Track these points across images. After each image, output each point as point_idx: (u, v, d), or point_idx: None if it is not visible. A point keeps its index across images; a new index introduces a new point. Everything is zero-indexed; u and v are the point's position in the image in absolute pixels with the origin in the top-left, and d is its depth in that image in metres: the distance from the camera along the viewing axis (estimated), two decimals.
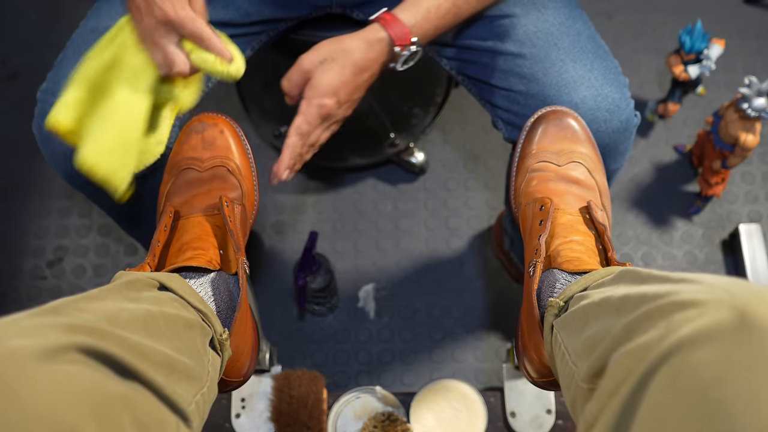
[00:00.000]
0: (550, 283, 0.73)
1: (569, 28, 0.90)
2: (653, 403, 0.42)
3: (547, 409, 1.14)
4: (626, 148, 0.93)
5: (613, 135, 0.88)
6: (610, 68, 0.90)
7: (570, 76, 0.88)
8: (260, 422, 1.15)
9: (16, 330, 0.44)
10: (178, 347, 0.58)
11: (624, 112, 0.89)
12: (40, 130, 0.89)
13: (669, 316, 0.44)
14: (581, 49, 0.89)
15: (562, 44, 0.89)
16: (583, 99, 0.87)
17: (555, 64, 0.88)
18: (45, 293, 1.51)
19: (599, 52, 0.90)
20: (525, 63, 0.89)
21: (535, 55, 0.89)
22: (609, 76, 0.89)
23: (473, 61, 0.94)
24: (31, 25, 1.80)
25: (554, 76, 0.88)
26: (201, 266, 0.74)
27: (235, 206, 0.80)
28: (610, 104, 0.88)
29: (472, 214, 1.55)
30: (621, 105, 0.89)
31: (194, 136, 0.83)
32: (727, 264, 1.50)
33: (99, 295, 0.57)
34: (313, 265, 1.32)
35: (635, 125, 0.92)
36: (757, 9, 1.74)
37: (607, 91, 0.88)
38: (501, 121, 0.95)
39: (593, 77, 0.88)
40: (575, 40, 0.89)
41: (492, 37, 0.91)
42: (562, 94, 0.87)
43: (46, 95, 0.89)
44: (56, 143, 0.89)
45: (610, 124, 0.88)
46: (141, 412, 0.48)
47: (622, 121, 0.89)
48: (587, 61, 0.89)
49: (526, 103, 0.90)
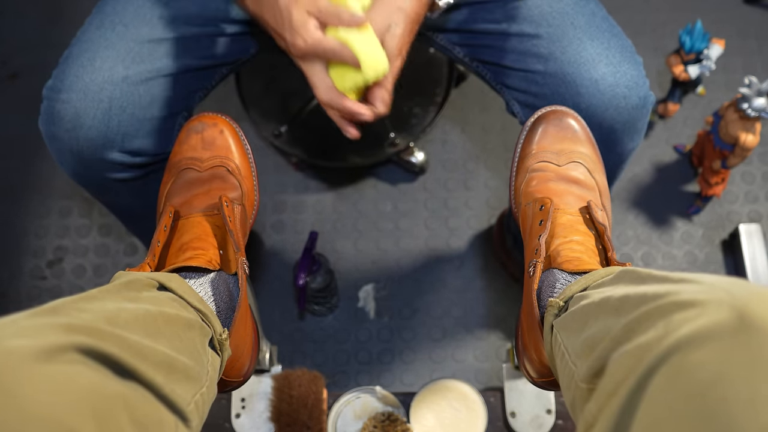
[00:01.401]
0: (550, 283, 0.73)
1: (583, 8, 0.90)
2: (652, 403, 0.42)
3: (547, 409, 1.14)
4: (643, 126, 0.93)
5: (632, 111, 0.89)
6: (626, 46, 0.90)
7: (588, 53, 0.87)
8: (260, 422, 1.15)
9: (14, 330, 0.44)
10: (178, 347, 0.58)
11: (642, 89, 0.89)
12: (46, 127, 0.89)
13: (668, 316, 0.44)
14: (597, 28, 0.89)
15: (578, 23, 0.89)
16: (602, 75, 0.87)
17: (573, 42, 0.88)
18: (45, 293, 1.51)
19: (614, 31, 0.91)
20: (542, 43, 0.89)
21: (552, 34, 0.89)
22: (626, 54, 0.89)
23: (487, 45, 0.94)
24: (31, 25, 1.79)
25: (573, 53, 0.88)
26: (201, 266, 0.74)
27: (235, 206, 0.80)
28: (629, 81, 0.88)
29: (472, 214, 1.55)
30: (639, 82, 0.89)
31: (194, 136, 0.83)
32: (727, 264, 1.50)
33: (98, 296, 0.57)
34: (313, 265, 1.32)
35: (652, 102, 0.92)
36: (757, 9, 1.74)
37: (626, 68, 0.88)
38: (517, 104, 0.95)
39: (611, 54, 0.88)
40: (590, 20, 0.90)
41: (506, 19, 0.91)
42: (581, 71, 0.87)
43: (52, 92, 0.89)
44: (62, 141, 0.89)
45: (629, 100, 0.88)
46: (140, 412, 0.48)
47: (641, 97, 0.89)
48: (604, 39, 0.89)
49: (545, 82, 0.89)
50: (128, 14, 0.89)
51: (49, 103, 0.89)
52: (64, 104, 0.87)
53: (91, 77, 0.87)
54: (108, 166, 0.90)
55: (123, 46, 0.88)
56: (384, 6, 0.81)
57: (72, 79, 0.88)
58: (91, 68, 0.87)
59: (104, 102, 0.87)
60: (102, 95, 0.87)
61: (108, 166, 0.90)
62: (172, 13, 0.90)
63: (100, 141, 0.88)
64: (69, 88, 0.87)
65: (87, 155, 0.89)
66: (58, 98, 0.88)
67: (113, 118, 0.87)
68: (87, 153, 0.89)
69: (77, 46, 0.90)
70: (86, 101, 0.87)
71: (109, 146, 0.88)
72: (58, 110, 0.87)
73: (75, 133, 0.87)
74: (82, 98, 0.87)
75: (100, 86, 0.87)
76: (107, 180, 0.93)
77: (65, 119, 0.87)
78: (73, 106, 0.87)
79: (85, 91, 0.87)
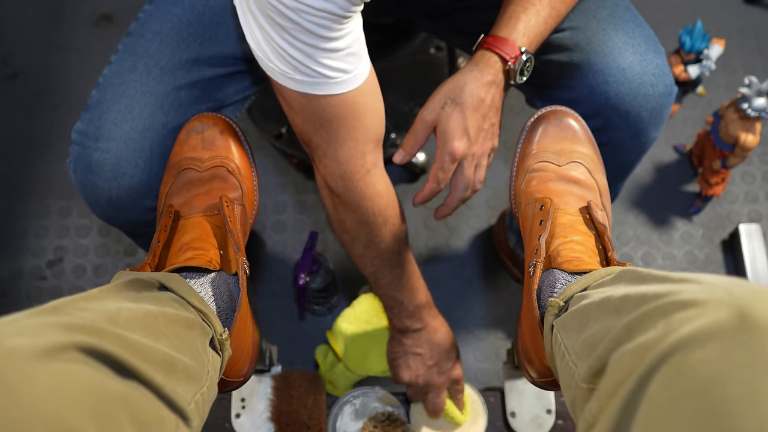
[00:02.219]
0: (550, 283, 0.73)
1: (605, 1, 0.90)
2: (653, 402, 0.42)
3: (547, 409, 1.14)
4: (666, 115, 0.93)
5: (659, 99, 0.89)
6: (650, 36, 0.90)
7: (614, 42, 0.88)
8: (260, 422, 1.15)
9: (15, 329, 0.44)
10: (178, 347, 0.58)
11: (668, 77, 0.90)
12: (82, 175, 0.87)
13: (669, 315, 0.44)
14: (621, 19, 0.89)
15: (601, 15, 0.89)
16: (630, 64, 0.87)
17: (597, 33, 0.88)
18: (45, 293, 1.51)
19: (637, 21, 0.91)
20: (565, 35, 0.89)
21: (575, 27, 0.89)
22: (651, 43, 0.89)
23: None
24: (31, 25, 1.79)
25: (598, 43, 0.88)
26: (201, 266, 0.74)
27: (235, 206, 0.80)
28: (655, 69, 0.88)
29: (472, 214, 1.55)
30: (665, 70, 0.89)
31: (194, 137, 0.83)
32: (727, 264, 1.50)
33: (99, 295, 0.57)
34: (313, 265, 1.32)
35: (676, 91, 0.92)
36: (757, 9, 1.74)
37: (652, 56, 0.88)
38: (538, 99, 0.95)
39: (636, 43, 0.88)
40: (613, 12, 0.90)
41: None
42: (608, 60, 0.87)
43: (87, 139, 0.86)
44: (101, 190, 0.86)
45: (656, 88, 0.88)
46: (140, 412, 0.48)
47: (667, 85, 0.90)
48: (628, 29, 0.89)
49: (571, 74, 0.89)
50: (164, 57, 0.87)
51: (85, 151, 0.86)
52: (104, 153, 0.85)
53: (132, 125, 0.85)
54: (145, 211, 0.89)
55: (161, 91, 0.86)
56: (440, 87, 0.85)
57: (110, 126, 0.85)
58: (131, 116, 0.85)
59: (146, 151, 0.85)
60: (144, 144, 0.85)
61: (145, 210, 0.89)
62: (207, 53, 0.88)
63: (141, 189, 0.86)
64: (108, 136, 0.85)
65: (126, 203, 0.87)
66: (96, 147, 0.85)
67: (154, 166, 0.86)
68: (126, 201, 0.87)
69: (111, 90, 0.87)
70: (127, 150, 0.84)
71: (149, 193, 0.87)
72: (97, 159, 0.85)
73: (116, 183, 0.85)
74: (123, 147, 0.84)
75: (141, 134, 0.85)
76: (141, 223, 0.91)
77: (105, 168, 0.85)
78: (114, 156, 0.84)
79: (126, 140, 0.85)
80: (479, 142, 0.86)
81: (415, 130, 0.88)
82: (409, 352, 1.07)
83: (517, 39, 0.83)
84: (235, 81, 0.92)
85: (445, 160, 0.85)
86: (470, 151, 0.85)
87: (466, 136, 0.84)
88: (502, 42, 0.82)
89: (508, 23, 0.83)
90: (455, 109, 0.83)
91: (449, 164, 0.85)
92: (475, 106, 0.83)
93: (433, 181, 0.88)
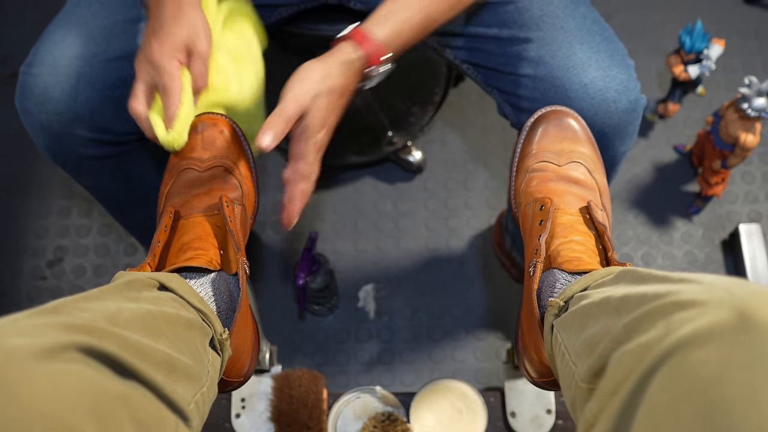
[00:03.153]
0: (550, 283, 0.73)
1: (574, 11, 0.90)
2: (653, 402, 0.42)
3: (547, 409, 1.14)
4: (634, 130, 0.93)
5: (622, 115, 0.89)
6: (616, 50, 0.90)
7: (578, 57, 0.88)
8: (260, 422, 1.15)
9: (15, 329, 0.44)
10: (178, 347, 0.58)
11: (632, 93, 0.90)
12: (18, 101, 0.90)
13: (669, 315, 0.44)
14: (587, 32, 0.89)
15: (568, 27, 0.89)
16: (592, 80, 0.87)
17: (562, 46, 0.88)
18: (45, 293, 1.51)
19: (605, 35, 0.91)
20: (532, 47, 0.89)
21: (542, 38, 0.89)
22: (616, 58, 0.89)
23: (479, 48, 0.94)
24: (31, 24, 1.79)
25: (562, 58, 0.88)
26: (201, 266, 0.74)
27: (235, 206, 0.80)
28: (618, 84, 0.88)
29: (472, 214, 1.55)
30: (629, 85, 0.89)
31: (194, 136, 0.83)
32: (727, 264, 1.50)
33: (98, 295, 0.57)
34: (313, 265, 1.32)
35: (643, 106, 0.92)
36: (757, 9, 1.74)
37: (615, 72, 0.88)
38: (509, 107, 0.95)
39: (600, 59, 0.88)
40: (581, 23, 0.90)
41: (497, 23, 0.91)
42: (570, 75, 0.87)
43: (25, 67, 0.90)
44: (32, 115, 0.90)
45: (619, 104, 0.88)
46: (140, 412, 0.48)
47: (631, 101, 0.89)
48: (594, 43, 0.89)
49: (535, 86, 0.90)
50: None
51: (22, 78, 0.90)
52: (34, 78, 0.88)
53: (62, 52, 0.88)
54: (78, 142, 0.91)
55: (97, 24, 0.89)
56: (307, 75, 0.77)
57: (43, 53, 0.89)
58: (63, 44, 0.88)
59: (72, 77, 0.87)
60: (70, 70, 0.87)
61: (78, 141, 0.91)
62: None
63: (68, 115, 0.89)
64: (40, 62, 0.88)
65: (56, 129, 0.90)
66: (28, 72, 0.89)
67: (81, 94, 0.88)
68: (56, 127, 0.90)
69: (54, 23, 0.91)
70: (54, 75, 0.87)
71: (78, 121, 0.89)
72: (29, 84, 0.89)
73: (44, 107, 0.88)
74: (51, 72, 0.88)
75: (69, 61, 0.87)
76: (79, 157, 0.94)
77: (34, 93, 0.88)
78: (42, 80, 0.88)
79: (54, 65, 0.88)
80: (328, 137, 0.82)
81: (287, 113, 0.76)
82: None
83: (388, 44, 0.80)
84: None
85: (311, 152, 0.79)
86: (324, 143, 0.82)
87: (326, 128, 0.80)
88: (373, 44, 0.80)
89: (383, 22, 0.80)
90: (323, 100, 0.78)
91: (315, 156, 0.80)
92: (339, 100, 0.80)
93: (303, 181, 0.79)
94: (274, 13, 0.99)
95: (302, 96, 0.76)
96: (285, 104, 0.76)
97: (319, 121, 0.78)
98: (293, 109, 0.76)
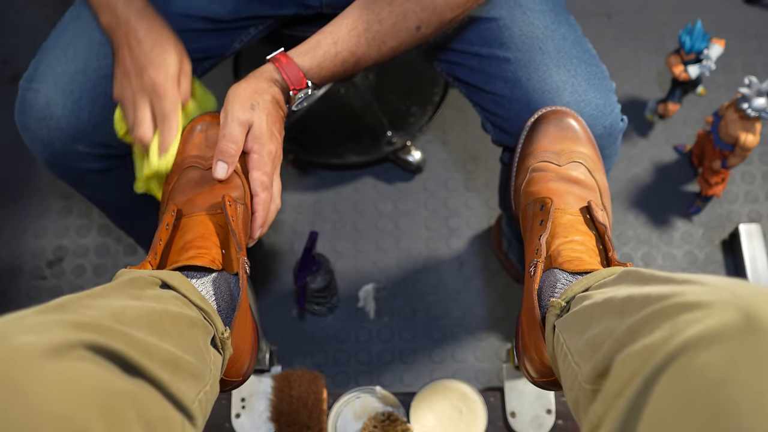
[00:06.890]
0: (551, 283, 0.73)
1: (554, 32, 0.90)
2: (659, 404, 0.42)
3: (547, 409, 1.14)
4: (612, 153, 0.93)
5: (598, 140, 0.88)
6: (595, 73, 0.90)
7: (553, 81, 0.88)
8: (260, 422, 1.15)
9: (22, 327, 0.44)
10: (182, 345, 0.58)
11: (608, 118, 0.89)
12: (18, 117, 0.90)
13: (674, 317, 0.44)
14: (566, 54, 0.89)
15: (547, 48, 0.89)
16: (566, 105, 0.87)
17: (539, 68, 0.88)
18: (45, 293, 1.51)
19: (584, 57, 0.90)
20: (510, 67, 0.89)
21: (520, 59, 0.89)
22: (593, 82, 0.89)
23: (462, 64, 0.94)
24: (32, 25, 1.79)
25: (537, 81, 0.88)
26: (203, 265, 0.74)
27: (238, 206, 0.80)
28: (593, 110, 0.88)
29: (472, 214, 1.55)
30: (605, 110, 0.89)
31: (198, 135, 0.83)
32: (727, 264, 1.50)
33: (102, 293, 0.57)
34: (313, 265, 1.32)
35: (620, 130, 0.92)
36: (757, 9, 1.74)
37: (591, 97, 0.88)
38: (489, 124, 0.95)
39: (576, 83, 0.88)
40: (560, 45, 0.89)
41: (479, 40, 0.91)
42: (545, 99, 0.87)
43: (26, 82, 0.89)
44: (33, 131, 0.89)
45: (593, 129, 0.88)
46: (147, 410, 0.48)
47: (606, 126, 0.89)
48: (571, 66, 0.89)
49: (511, 107, 0.90)
50: None
51: (22, 93, 0.89)
52: (36, 93, 0.87)
53: (64, 68, 0.87)
54: (79, 157, 0.91)
55: (98, 38, 0.88)
56: (242, 91, 0.78)
57: (44, 69, 0.88)
58: (65, 59, 0.87)
59: (75, 93, 0.87)
60: (73, 86, 0.87)
61: (79, 156, 0.91)
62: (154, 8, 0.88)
63: (70, 131, 0.88)
64: (41, 78, 0.88)
65: (58, 146, 0.89)
66: (29, 87, 0.88)
67: (83, 109, 0.87)
68: (58, 143, 0.89)
69: (54, 37, 0.90)
70: (56, 91, 0.87)
71: (80, 137, 0.89)
72: (29, 99, 0.88)
73: (45, 123, 0.88)
74: (53, 88, 0.87)
75: (71, 77, 0.87)
76: (81, 171, 0.93)
77: (35, 108, 0.87)
78: (44, 96, 0.87)
79: (56, 81, 0.87)
80: (280, 147, 0.82)
81: (234, 135, 0.76)
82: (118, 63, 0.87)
83: (309, 72, 0.80)
84: (183, 40, 0.89)
85: (266, 162, 0.79)
86: (279, 153, 0.82)
87: (275, 137, 0.80)
88: (293, 70, 0.79)
89: (308, 51, 0.80)
90: (262, 111, 0.78)
91: (271, 166, 0.80)
92: (276, 111, 0.81)
93: (262, 191, 0.78)
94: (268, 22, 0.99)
95: (243, 113, 0.77)
96: (229, 127, 0.76)
97: (267, 128, 0.78)
98: (237, 128, 0.76)
